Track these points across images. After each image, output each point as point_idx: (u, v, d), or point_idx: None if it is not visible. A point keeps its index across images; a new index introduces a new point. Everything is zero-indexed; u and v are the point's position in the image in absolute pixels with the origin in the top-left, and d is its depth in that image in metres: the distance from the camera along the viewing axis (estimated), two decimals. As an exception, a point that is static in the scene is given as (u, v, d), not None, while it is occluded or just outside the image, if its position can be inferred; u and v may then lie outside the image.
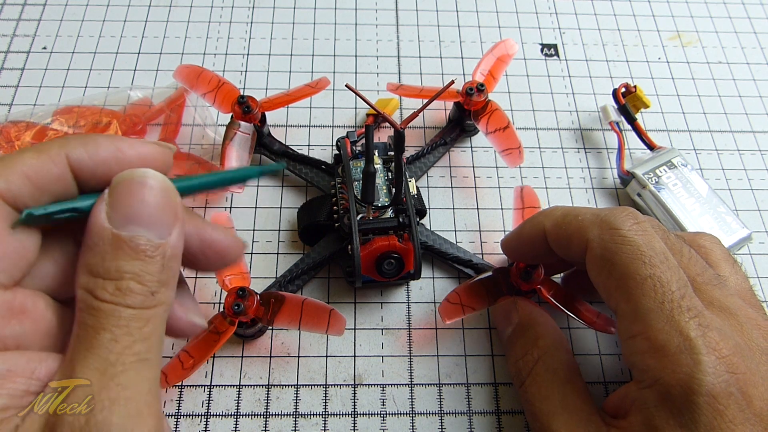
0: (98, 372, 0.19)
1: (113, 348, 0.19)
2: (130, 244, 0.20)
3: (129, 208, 0.20)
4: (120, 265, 0.20)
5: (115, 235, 0.20)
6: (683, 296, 0.26)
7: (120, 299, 0.20)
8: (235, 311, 0.32)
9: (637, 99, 0.42)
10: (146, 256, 0.20)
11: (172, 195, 0.21)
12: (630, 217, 0.28)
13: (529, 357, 0.32)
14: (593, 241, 0.28)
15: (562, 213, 0.30)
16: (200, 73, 0.40)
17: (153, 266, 0.20)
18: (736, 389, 0.24)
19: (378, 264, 0.34)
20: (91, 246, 0.20)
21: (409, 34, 0.49)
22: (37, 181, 0.21)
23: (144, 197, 0.20)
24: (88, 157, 0.21)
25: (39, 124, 0.42)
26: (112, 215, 0.20)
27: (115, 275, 0.20)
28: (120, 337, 0.20)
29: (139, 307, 0.20)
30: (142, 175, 0.21)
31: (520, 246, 0.34)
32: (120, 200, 0.20)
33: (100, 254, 0.20)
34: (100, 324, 0.20)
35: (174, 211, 0.21)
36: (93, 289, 0.20)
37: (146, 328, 0.20)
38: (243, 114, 0.38)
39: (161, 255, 0.21)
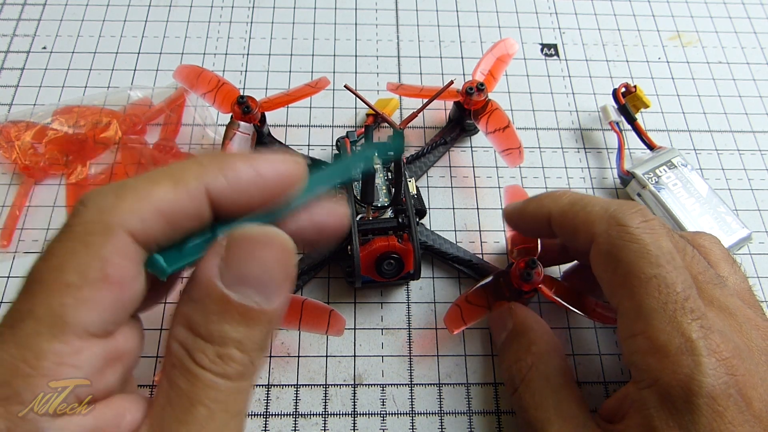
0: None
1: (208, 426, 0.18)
2: (240, 309, 0.19)
3: (245, 269, 0.19)
4: (225, 330, 0.18)
5: (226, 296, 0.18)
6: (687, 297, 0.26)
7: (220, 368, 0.19)
8: None
9: (637, 99, 0.42)
10: (253, 322, 0.19)
11: (291, 255, 0.20)
12: (639, 214, 0.27)
13: (522, 363, 0.31)
14: (600, 236, 0.28)
15: (570, 201, 0.30)
16: (200, 73, 0.40)
17: (257, 333, 0.19)
18: (735, 391, 0.24)
19: (378, 264, 0.34)
20: (195, 300, 0.19)
21: (409, 34, 0.49)
22: (172, 220, 0.19)
23: (263, 258, 0.19)
24: (228, 186, 0.19)
25: (39, 124, 0.42)
26: (226, 273, 0.19)
27: (218, 340, 0.18)
28: (216, 413, 0.18)
29: (236, 379, 0.19)
30: (266, 233, 0.19)
31: (522, 222, 0.33)
32: (236, 258, 0.19)
33: (204, 312, 0.19)
34: (196, 395, 0.18)
35: (288, 273, 0.20)
36: (191, 349, 0.18)
37: (240, 400, 0.19)
38: (243, 114, 0.38)
39: (267, 321, 0.19)
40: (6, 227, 0.39)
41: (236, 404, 0.19)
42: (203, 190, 0.19)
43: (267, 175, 0.20)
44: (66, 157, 0.41)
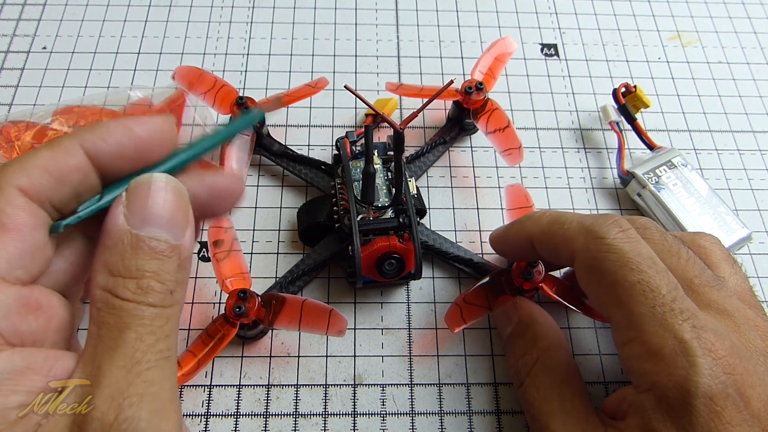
0: (125, 370, 0.20)
1: (138, 347, 0.20)
2: (150, 244, 0.21)
3: (146, 211, 0.21)
4: (140, 264, 0.20)
5: (134, 236, 0.21)
6: (674, 299, 0.26)
7: (142, 297, 0.20)
8: (236, 313, 0.32)
9: (637, 99, 0.42)
10: (164, 256, 0.21)
11: (185, 198, 0.22)
12: (615, 225, 0.28)
13: (528, 357, 0.32)
14: (580, 251, 0.28)
15: (549, 221, 0.30)
16: (199, 74, 0.40)
17: (170, 265, 0.21)
18: (733, 390, 0.24)
19: (379, 264, 0.34)
20: (109, 246, 0.21)
21: (409, 34, 0.49)
22: (56, 173, 0.21)
23: (161, 200, 0.21)
24: (101, 141, 0.22)
25: (39, 124, 0.42)
26: (130, 217, 0.21)
27: (136, 274, 0.20)
28: (144, 336, 0.20)
29: (159, 305, 0.21)
30: (158, 179, 0.22)
31: (506, 246, 0.34)
32: (137, 203, 0.21)
33: (119, 254, 0.20)
34: (124, 323, 0.20)
35: (187, 214, 0.22)
36: (113, 288, 0.20)
37: (167, 326, 0.21)
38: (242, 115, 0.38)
39: (177, 255, 0.21)
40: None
41: (162, 329, 0.21)
42: (77, 146, 0.21)
43: (138, 131, 0.22)
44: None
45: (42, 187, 0.21)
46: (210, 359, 0.32)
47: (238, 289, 0.32)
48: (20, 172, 0.21)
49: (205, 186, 0.24)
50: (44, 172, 0.21)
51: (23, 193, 0.21)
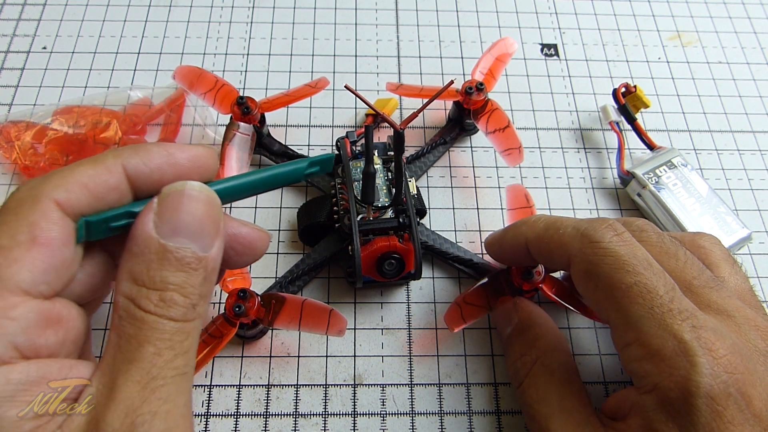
0: (140, 385, 0.19)
1: (156, 362, 0.20)
2: (176, 255, 0.20)
3: (177, 220, 0.21)
4: (165, 276, 0.20)
5: (162, 245, 0.20)
6: (672, 299, 0.26)
7: (164, 311, 0.20)
8: (236, 313, 0.32)
9: (637, 99, 0.42)
10: (190, 269, 0.21)
11: (218, 208, 0.22)
12: (609, 229, 0.28)
13: (527, 357, 0.32)
14: (575, 256, 0.28)
15: (544, 226, 0.30)
16: (199, 74, 0.40)
17: (196, 279, 0.21)
18: (734, 389, 0.24)
19: (379, 264, 0.34)
20: (136, 254, 0.20)
21: (409, 34, 0.49)
22: (94, 190, 0.21)
23: (192, 210, 0.21)
24: (142, 164, 0.22)
25: (39, 124, 0.42)
26: (160, 225, 0.20)
27: (160, 285, 0.20)
28: (163, 351, 0.20)
29: (181, 320, 0.20)
30: (191, 187, 0.21)
31: (502, 251, 0.34)
32: (168, 211, 0.21)
33: (145, 263, 0.20)
34: (144, 336, 0.20)
35: (217, 225, 0.22)
36: (136, 298, 0.20)
37: (187, 341, 0.21)
38: (242, 115, 0.38)
39: (204, 268, 0.21)
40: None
41: (181, 344, 0.20)
42: (120, 166, 0.21)
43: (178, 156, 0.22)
44: (66, 157, 0.41)
45: (79, 204, 0.21)
46: (210, 359, 0.32)
47: (237, 289, 0.32)
48: (60, 186, 0.20)
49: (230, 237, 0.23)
50: (83, 189, 0.21)
51: (59, 207, 0.20)
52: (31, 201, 0.20)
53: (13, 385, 0.19)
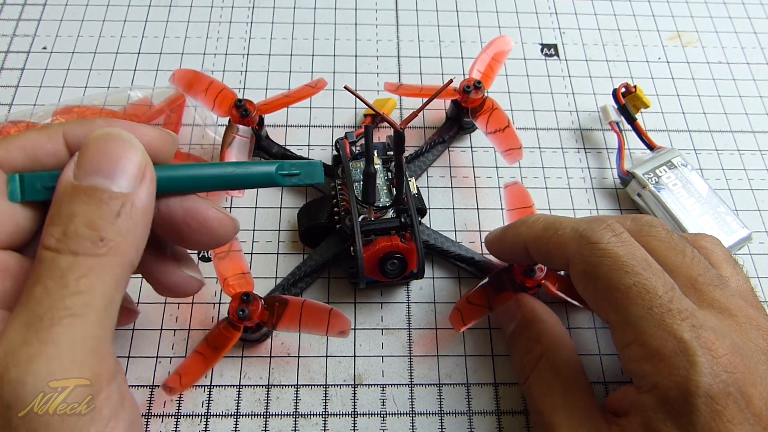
0: (24, 327, 0.18)
1: (43, 301, 0.18)
2: (87, 190, 0.20)
3: (92, 162, 0.20)
4: (72, 209, 0.19)
5: (75, 185, 0.20)
6: (671, 299, 0.26)
7: (64, 244, 0.19)
8: (239, 316, 0.31)
9: (637, 99, 0.42)
10: (99, 200, 0.20)
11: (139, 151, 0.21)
12: (608, 230, 0.28)
13: (532, 354, 0.32)
14: (574, 258, 0.28)
15: (543, 226, 0.30)
16: (197, 77, 0.40)
17: (106, 211, 0.20)
18: (734, 389, 0.24)
19: (381, 265, 0.34)
20: (54, 202, 0.20)
21: (409, 34, 0.49)
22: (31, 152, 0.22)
23: (107, 149, 0.20)
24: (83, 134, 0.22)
25: (39, 124, 0.41)
26: (77, 170, 0.20)
27: (66, 219, 0.19)
28: (52, 289, 0.18)
29: (84, 253, 0.19)
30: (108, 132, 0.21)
31: (502, 250, 0.34)
32: (86, 156, 0.20)
33: (57, 204, 0.20)
34: (37, 275, 0.19)
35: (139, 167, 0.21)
36: (43, 239, 0.19)
37: (84, 279, 0.19)
38: (240, 117, 0.38)
39: (120, 203, 0.20)
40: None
41: (77, 282, 0.19)
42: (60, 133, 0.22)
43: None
44: (66, 157, 0.41)
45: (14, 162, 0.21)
46: (214, 364, 0.32)
47: (241, 292, 0.32)
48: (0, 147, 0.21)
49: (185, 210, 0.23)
50: (20, 150, 0.22)
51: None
52: None
53: None
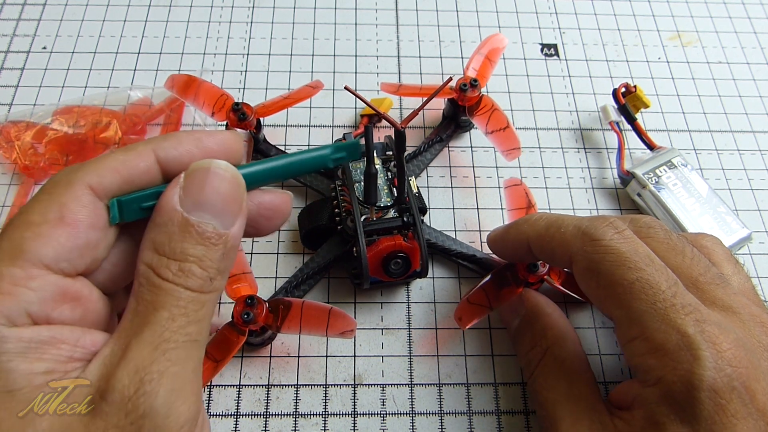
0: (151, 346, 0.20)
1: (168, 326, 0.20)
2: (198, 229, 0.21)
3: (200, 195, 0.21)
4: (185, 248, 0.21)
5: (185, 219, 0.21)
6: (675, 294, 0.26)
7: (182, 280, 0.21)
8: (244, 320, 0.31)
9: (637, 99, 0.42)
10: (210, 243, 0.21)
11: (241, 188, 0.22)
12: (611, 227, 0.28)
13: (537, 349, 0.32)
14: (577, 255, 0.28)
15: (545, 224, 0.30)
16: (191, 82, 0.40)
17: (215, 253, 0.22)
18: (738, 383, 0.24)
19: (385, 264, 0.34)
20: (159, 224, 0.21)
21: (409, 34, 0.49)
22: (125, 174, 0.22)
23: (216, 187, 0.22)
24: (172, 148, 0.23)
25: (39, 124, 0.42)
26: (185, 199, 0.21)
27: (180, 256, 0.21)
28: (177, 317, 0.21)
29: (197, 290, 0.21)
30: (217, 165, 0.22)
31: (505, 248, 0.34)
32: (193, 186, 0.21)
33: (167, 234, 0.21)
34: (160, 301, 0.21)
35: (240, 203, 0.22)
36: (157, 266, 0.21)
37: (201, 311, 0.21)
38: (238, 121, 0.38)
39: (224, 244, 0.22)
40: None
41: (195, 313, 0.21)
42: (150, 152, 0.22)
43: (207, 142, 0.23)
44: (66, 157, 0.41)
45: (111, 187, 0.22)
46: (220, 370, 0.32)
47: (245, 296, 0.32)
48: (93, 171, 0.21)
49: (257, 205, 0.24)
50: (115, 173, 0.22)
51: (92, 191, 0.21)
52: (65, 184, 0.21)
53: (25, 343, 0.20)
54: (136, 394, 0.19)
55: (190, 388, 0.21)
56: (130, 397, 0.19)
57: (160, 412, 0.20)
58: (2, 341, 0.19)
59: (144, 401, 0.19)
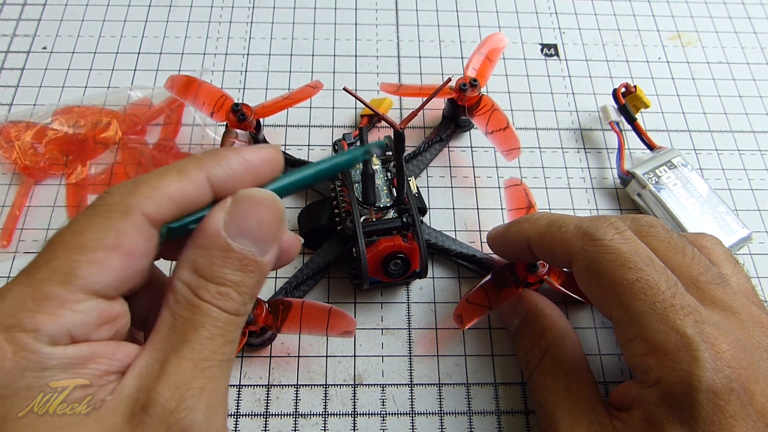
0: (192, 363, 0.21)
1: (208, 345, 0.21)
2: (239, 255, 0.22)
3: (245, 223, 0.22)
4: (225, 273, 0.22)
5: (228, 244, 0.22)
6: (674, 295, 0.26)
7: (220, 303, 0.21)
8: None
9: (637, 99, 0.42)
10: (248, 270, 0.22)
11: (282, 218, 0.23)
12: (611, 227, 0.28)
13: (537, 350, 0.32)
14: (577, 254, 0.28)
15: (546, 224, 0.30)
16: (191, 83, 0.40)
17: (251, 280, 0.22)
18: (737, 384, 0.24)
19: (384, 265, 0.34)
20: (201, 246, 0.22)
21: (409, 34, 0.49)
22: (181, 204, 0.22)
23: (260, 216, 0.22)
24: (221, 170, 0.23)
25: (39, 124, 0.42)
26: (230, 225, 0.22)
27: (219, 280, 0.21)
28: (215, 336, 0.21)
29: (233, 313, 0.22)
30: (265, 195, 0.23)
31: (505, 247, 0.34)
32: (239, 213, 0.22)
33: (209, 257, 0.21)
34: (199, 320, 0.21)
35: (278, 233, 0.23)
36: (196, 287, 0.21)
37: (235, 332, 0.22)
38: (238, 122, 0.38)
39: (259, 271, 0.22)
40: (6, 227, 0.39)
41: (231, 334, 0.22)
42: (204, 178, 0.22)
43: (252, 159, 0.23)
44: (66, 157, 0.41)
45: (166, 216, 0.22)
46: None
47: None
48: (151, 198, 0.21)
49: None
50: (171, 203, 0.22)
51: (149, 220, 0.21)
52: (123, 209, 0.21)
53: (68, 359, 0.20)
54: (178, 408, 0.20)
55: (223, 406, 0.22)
56: (172, 411, 0.20)
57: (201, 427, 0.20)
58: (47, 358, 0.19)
59: (185, 416, 0.20)
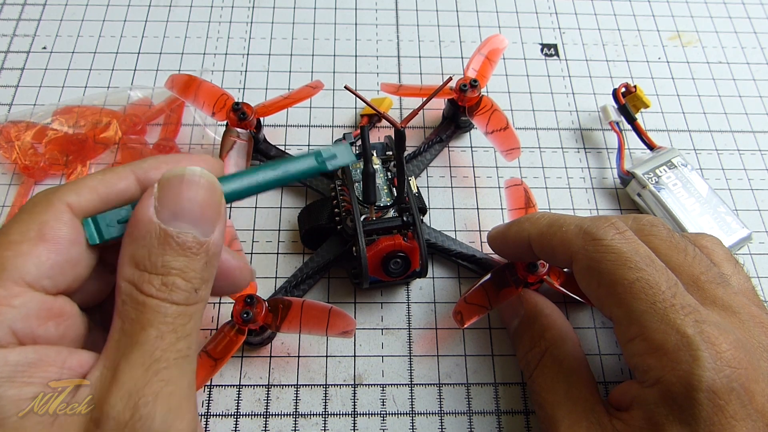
0: (143, 368, 0.20)
1: (158, 345, 0.20)
2: (178, 240, 0.20)
3: (177, 205, 0.21)
4: (167, 261, 0.20)
5: (163, 230, 0.20)
6: (674, 295, 0.26)
7: (166, 295, 0.20)
8: (244, 319, 0.31)
9: (637, 99, 0.42)
10: (192, 253, 0.21)
11: (218, 193, 0.22)
12: (612, 227, 0.28)
13: (537, 350, 0.32)
14: (578, 254, 0.28)
15: (547, 223, 0.30)
16: (191, 82, 0.40)
17: (197, 263, 0.21)
18: (737, 384, 0.24)
19: (384, 264, 0.34)
20: (137, 238, 0.20)
21: (409, 34, 0.49)
22: (103, 193, 0.22)
23: (192, 195, 0.21)
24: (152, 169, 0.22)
25: (39, 124, 0.42)
26: (161, 210, 0.20)
27: (162, 270, 0.20)
28: (165, 334, 0.20)
29: (183, 303, 0.21)
30: (192, 172, 0.21)
31: (505, 246, 0.34)
32: (168, 196, 0.21)
33: (146, 248, 0.20)
34: (146, 320, 0.20)
35: (218, 210, 0.22)
36: (139, 283, 0.20)
37: (188, 325, 0.21)
38: (239, 121, 0.38)
39: (205, 252, 0.21)
40: (6, 227, 0.39)
41: (183, 327, 0.21)
42: (129, 171, 0.22)
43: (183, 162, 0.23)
44: (66, 157, 0.41)
45: (89, 205, 0.21)
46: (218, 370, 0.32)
47: (244, 295, 0.32)
48: (72, 190, 0.21)
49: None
50: (93, 192, 0.22)
51: (70, 210, 0.21)
52: (45, 203, 0.21)
53: (11, 366, 0.19)
54: (132, 419, 0.19)
55: (186, 406, 0.21)
56: (127, 423, 0.19)
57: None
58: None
59: (141, 426, 0.19)
